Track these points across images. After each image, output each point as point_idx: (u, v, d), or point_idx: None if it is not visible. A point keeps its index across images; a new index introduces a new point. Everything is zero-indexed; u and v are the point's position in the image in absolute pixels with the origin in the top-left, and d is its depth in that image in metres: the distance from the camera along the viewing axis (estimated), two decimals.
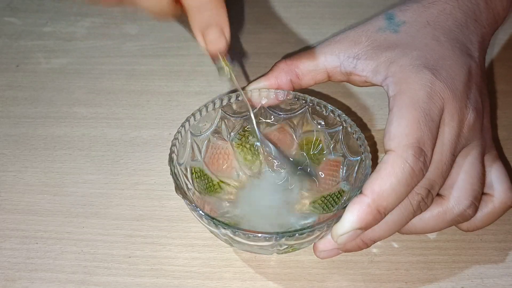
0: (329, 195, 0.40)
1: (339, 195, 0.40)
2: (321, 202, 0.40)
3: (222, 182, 0.41)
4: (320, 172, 0.42)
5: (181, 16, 0.35)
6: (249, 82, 0.41)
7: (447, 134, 0.35)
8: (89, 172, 0.45)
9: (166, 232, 0.41)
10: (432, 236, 0.41)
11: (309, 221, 0.39)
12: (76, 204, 0.43)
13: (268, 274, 0.39)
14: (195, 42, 0.36)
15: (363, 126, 0.49)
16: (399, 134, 0.34)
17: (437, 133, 0.35)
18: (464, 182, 0.37)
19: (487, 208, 0.38)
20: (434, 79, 0.36)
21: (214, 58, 0.37)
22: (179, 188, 0.36)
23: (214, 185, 0.41)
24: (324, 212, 0.40)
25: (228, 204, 0.41)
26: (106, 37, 0.58)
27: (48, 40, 0.58)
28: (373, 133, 0.48)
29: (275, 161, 0.42)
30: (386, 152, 0.34)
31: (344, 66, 0.39)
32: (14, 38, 0.58)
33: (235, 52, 0.40)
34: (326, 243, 0.36)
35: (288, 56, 0.41)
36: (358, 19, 0.60)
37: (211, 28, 0.35)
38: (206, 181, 0.41)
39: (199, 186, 0.40)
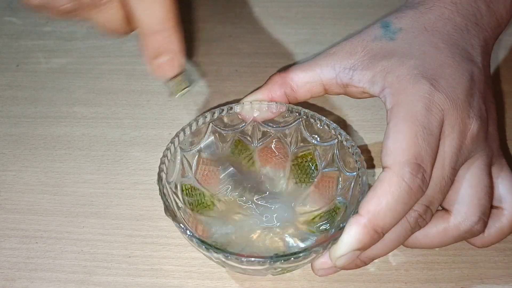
0: (325, 212, 0.39)
1: (335, 212, 0.38)
2: (318, 220, 0.39)
3: (215, 198, 0.40)
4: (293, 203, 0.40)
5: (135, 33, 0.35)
6: (247, 94, 0.40)
7: (447, 147, 0.34)
8: (89, 172, 0.45)
9: (166, 232, 0.41)
10: None
11: (306, 243, 0.37)
12: (76, 204, 0.43)
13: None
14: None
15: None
16: (396, 150, 0.33)
17: (437, 147, 0.33)
18: (470, 196, 0.35)
19: (500, 222, 0.37)
20: (432, 89, 0.34)
21: (164, 80, 0.36)
22: (168, 210, 0.34)
23: (207, 201, 0.40)
24: (321, 232, 0.38)
25: (221, 222, 0.39)
26: (106, 37, 0.58)
27: (48, 40, 0.58)
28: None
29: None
30: (383, 168, 0.33)
31: (340, 77, 0.38)
32: (14, 38, 0.58)
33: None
34: (324, 263, 0.35)
35: (287, 58, 0.41)
36: (358, 19, 0.60)
37: (163, 54, 0.34)
38: (197, 197, 0.39)
39: (190, 203, 0.38)
